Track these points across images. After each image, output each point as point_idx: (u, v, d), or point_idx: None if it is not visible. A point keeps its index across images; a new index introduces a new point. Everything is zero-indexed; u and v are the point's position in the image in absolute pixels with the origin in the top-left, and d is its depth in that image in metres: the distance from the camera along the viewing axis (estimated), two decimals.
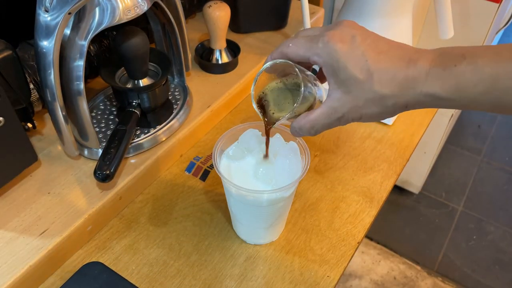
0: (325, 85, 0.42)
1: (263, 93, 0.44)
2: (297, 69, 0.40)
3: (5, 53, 0.48)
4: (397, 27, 0.65)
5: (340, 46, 0.37)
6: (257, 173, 0.47)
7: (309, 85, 0.41)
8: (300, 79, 0.40)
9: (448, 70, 0.35)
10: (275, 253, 0.52)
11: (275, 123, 0.44)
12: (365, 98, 0.38)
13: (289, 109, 0.43)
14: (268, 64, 0.42)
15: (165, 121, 0.61)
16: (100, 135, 0.58)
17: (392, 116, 0.39)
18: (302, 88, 0.40)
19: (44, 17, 0.45)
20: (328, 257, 0.52)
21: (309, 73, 0.42)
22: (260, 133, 0.50)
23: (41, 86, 0.49)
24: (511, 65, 0.33)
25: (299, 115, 0.42)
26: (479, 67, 0.34)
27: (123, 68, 0.58)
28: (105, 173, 0.50)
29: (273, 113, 0.44)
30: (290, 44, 0.40)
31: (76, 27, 0.47)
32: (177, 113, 0.62)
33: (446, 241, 1.51)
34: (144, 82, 0.58)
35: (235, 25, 0.80)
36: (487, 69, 0.33)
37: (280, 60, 0.41)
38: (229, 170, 0.48)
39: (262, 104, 0.45)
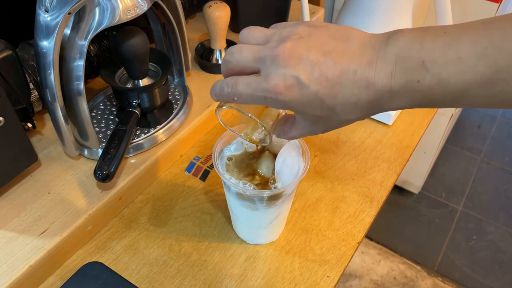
0: None
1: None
2: (249, 115, 0.39)
3: (5, 53, 0.49)
4: (397, 27, 0.65)
5: (289, 98, 0.33)
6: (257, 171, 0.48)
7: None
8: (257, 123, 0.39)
9: (411, 86, 0.31)
10: (275, 253, 0.52)
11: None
12: (336, 123, 0.36)
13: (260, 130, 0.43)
14: (218, 111, 0.41)
15: (165, 121, 0.61)
16: (100, 135, 0.58)
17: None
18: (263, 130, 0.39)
19: (44, 17, 0.45)
20: (328, 257, 0.52)
21: None
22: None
23: (41, 86, 0.49)
24: (476, 72, 0.29)
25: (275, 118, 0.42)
26: (444, 80, 0.30)
27: (123, 68, 0.58)
28: (105, 173, 0.50)
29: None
30: (235, 98, 0.36)
31: (76, 27, 0.47)
32: (177, 113, 0.62)
33: (446, 241, 1.51)
34: (144, 82, 0.58)
35: (235, 25, 0.80)
36: (453, 81, 0.30)
37: (230, 106, 0.40)
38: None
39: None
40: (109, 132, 0.59)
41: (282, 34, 0.35)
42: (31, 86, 0.55)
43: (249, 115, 0.39)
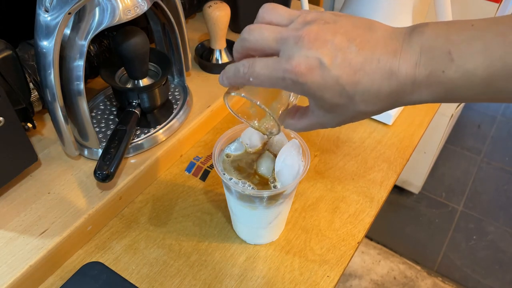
0: None
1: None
2: (260, 106, 0.38)
3: (5, 53, 0.49)
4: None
5: (310, 81, 0.32)
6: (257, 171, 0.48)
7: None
8: (266, 114, 0.38)
9: (436, 77, 0.31)
10: (275, 253, 0.52)
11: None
12: (351, 116, 0.35)
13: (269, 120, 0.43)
14: (227, 98, 0.40)
15: (165, 121, 0.61)
16: (100, 135, 0.58)
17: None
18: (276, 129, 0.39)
19: (44, 17, 0.45)
20: (328, 257, 0.52)
21: None
22: None
23: (41, 86, 0.49)
24: (503, 63, 0.29)
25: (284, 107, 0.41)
26: (470, 72, 0.30)
27: (123, 68, 0.58)
28: (105, 173, 0.50)
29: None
30: (251, 79, 0.35)
31: (76, 27, 0.47)
32: (177, 113, 0.62)
33: (446, 241, 1.51)
34: (144, 82, 0.58)
35: (235, 25, 0.80)
36: (479, 72, 0.30)
37: (239, 93, 0.38)
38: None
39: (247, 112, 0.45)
40: (109, 132, 0.59)
41: (307, 18, 0.34)
42: (31, 86, 0.55)
43: (257, 103, 0.38)
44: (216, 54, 0.72)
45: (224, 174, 0.47)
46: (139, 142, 0.58)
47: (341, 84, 0.32)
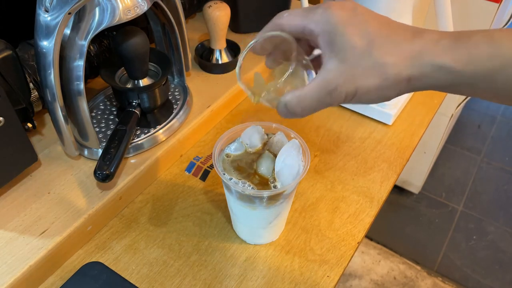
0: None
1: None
2: (290, 39, 0.38)
3: (5, 53, 0.49)
4: None
5: (339, 13, 0.34)
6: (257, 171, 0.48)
7: (301, 68, 0.39)
8: (293, 47, 0.38)
9: (461, 42, 0.32)
10: (275, 253, 0.52)
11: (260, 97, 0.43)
12: (363, 66, 0.34)
13: (275, 82, 0.41)
14: (260, 37, 0.40)
15: (165, 121, 0.61)
16: (100, 135, 0.58)
17: (392, 94, 0.35)
18: (293, 62, 0.38)
19: (44, 17, 0.45)
20: (328, 257, 0.52)
21: (306, 57, 0.40)
22: (263, 129, 0.50)
23: (41, 86, 0.49)
24: None
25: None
26: (496, 40, 0.31)
27: (123, 68, 0.58)
28: (105, 173, 0.50)
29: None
30: (286, 14, 0.38)
31: (76, 27, 0.47)
32: (177, 113, 0.62)
33: (446, 241, 1.51)
34: (144, 82, 0.58)
35: (235, 25, 0.80)
36: (504, 42, 0.31)
37: (273, 33, 0.38)
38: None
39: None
40: (109, 132, 0.59)
41: None
42: (31, 86, 0.55)
43: (283, 35, 0.38)
44: (216, 54, 0.72)
45: (224, 174, 0.47)
46: (139, 142, 0.58)
47: (367, 28, 0.34)
